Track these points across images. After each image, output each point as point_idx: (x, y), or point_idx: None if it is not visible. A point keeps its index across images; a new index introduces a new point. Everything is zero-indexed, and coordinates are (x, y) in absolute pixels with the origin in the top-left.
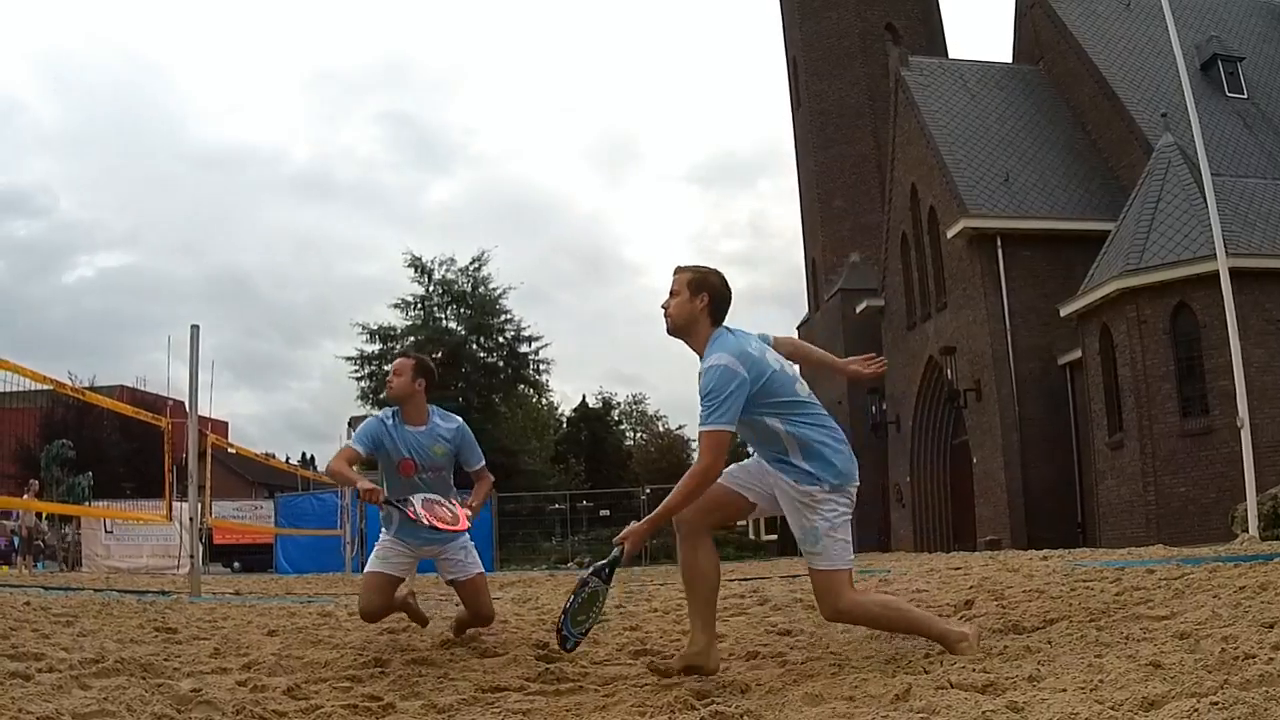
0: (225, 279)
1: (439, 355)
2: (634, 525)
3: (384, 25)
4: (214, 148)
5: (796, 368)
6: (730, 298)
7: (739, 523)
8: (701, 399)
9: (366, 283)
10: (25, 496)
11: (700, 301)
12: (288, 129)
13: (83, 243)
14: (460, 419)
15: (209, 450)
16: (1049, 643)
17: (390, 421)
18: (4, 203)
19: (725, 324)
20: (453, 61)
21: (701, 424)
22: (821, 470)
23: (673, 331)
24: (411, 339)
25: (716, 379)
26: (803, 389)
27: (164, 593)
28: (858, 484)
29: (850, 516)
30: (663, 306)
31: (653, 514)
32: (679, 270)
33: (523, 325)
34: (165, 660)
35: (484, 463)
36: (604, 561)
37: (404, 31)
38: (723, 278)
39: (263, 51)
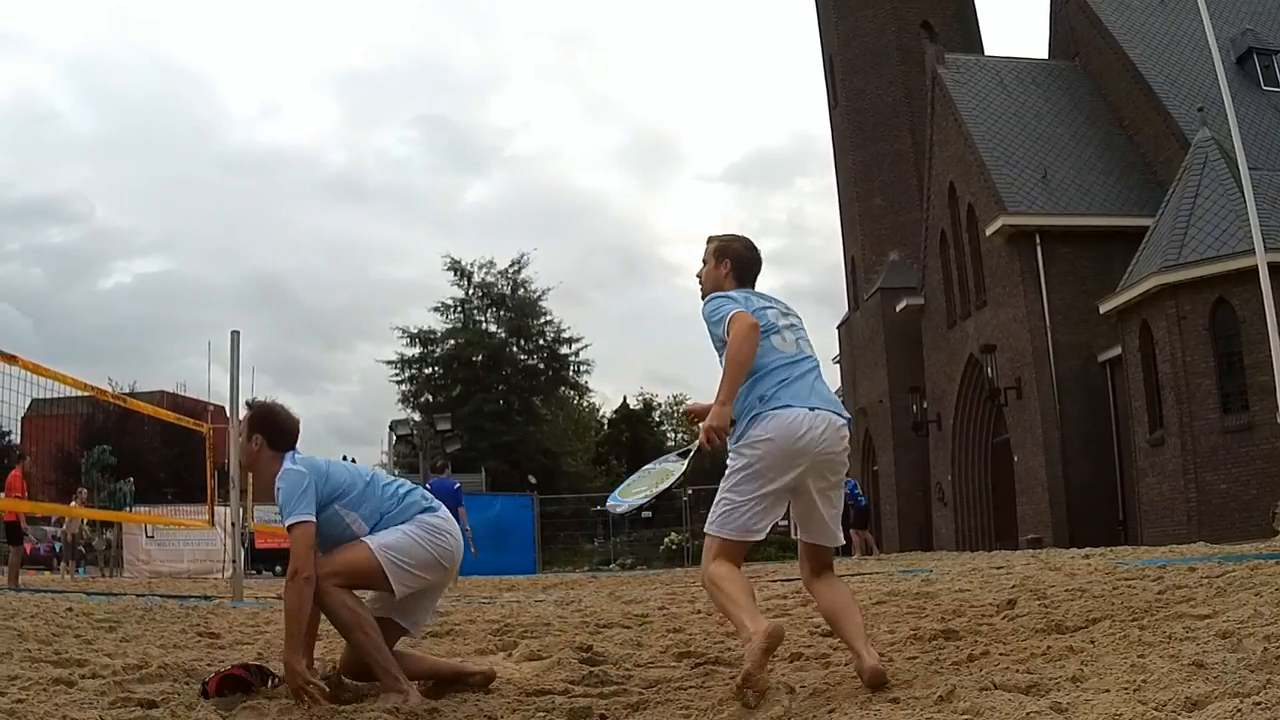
0: (261, 283)
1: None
2: (709, 415)
3: (418, 28)
4: (249, 152)
5: (791, 323)
6: (756, 261)
7: (780, 522)
8: (709, 315)
9: (403, 285)
10: (73, 504)
11: (724, 268)
12: (323, 133)
13: (119, 249)
14: (293, 466)
15: None
16: (1092, 642)
17: None
18: (40, 210)
19: (754, 290)
20: (489, 63)
21: (727, 317)
22: (738, 425)
23: (705, 297)
24: (451, 342)
25: (716, 301)
26: (782, 342)
27: (206, 598)
28: (768, 438)
29: (750, 481)
30: (697, 276)
31: (720, 393)
32: (709, 240)
33: (563, 327)
34: (209, 665)
35: (287, 522)
36: (683, 449)
37: (439, 34)
38: (747, 244)
39: (297, 55)
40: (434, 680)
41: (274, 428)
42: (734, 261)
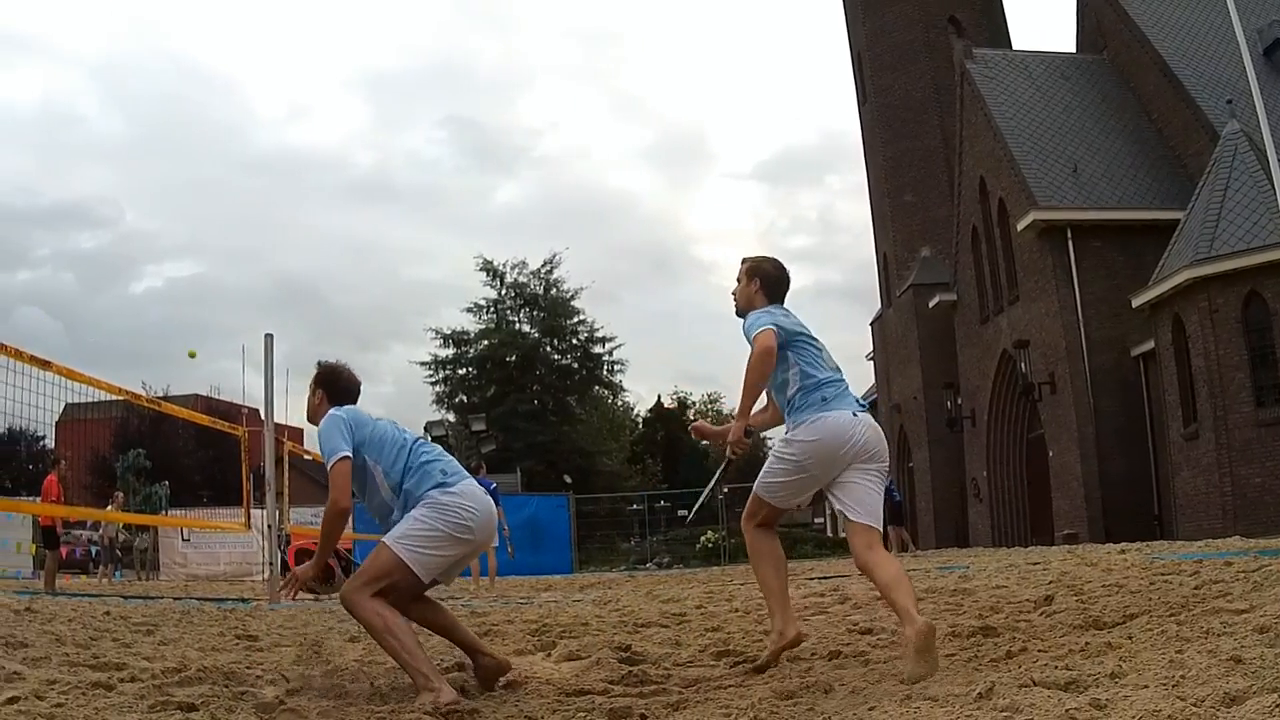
0: (292, 285)
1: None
2: (730, 432)
3: (446, 29)
4: (277, 154)
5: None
6: (784, 279)
7: (816, 520)
8: (747, 329)
9: (433, 286)
10: (110, 508)
11: (754, 285)
12: (351, 134)
13: (150, 253)
14: (334, 412)
15: (285, 457)
16: (1130, 638)
17: None
18: (69, 215)
19: (783, 307)
20: (516, 64)
21: (753, 332)
22: (797, 419)
23: (738, 312)
24: (485, 342)
25: (757, 313)
26: (828, 357)
27: (244, 600)
28: (815, 440)
29: (793, 468)
30: (732, 294)
31: (739, 409)
32: (742, 260)
33: (595, 327)
34: (248, 668)
35: (326, 464)
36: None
37: (467, 35)
38: (776, 264)
39: (325, 58)
40: (450, 640)
41: (333, 384)
42: (763, 280)
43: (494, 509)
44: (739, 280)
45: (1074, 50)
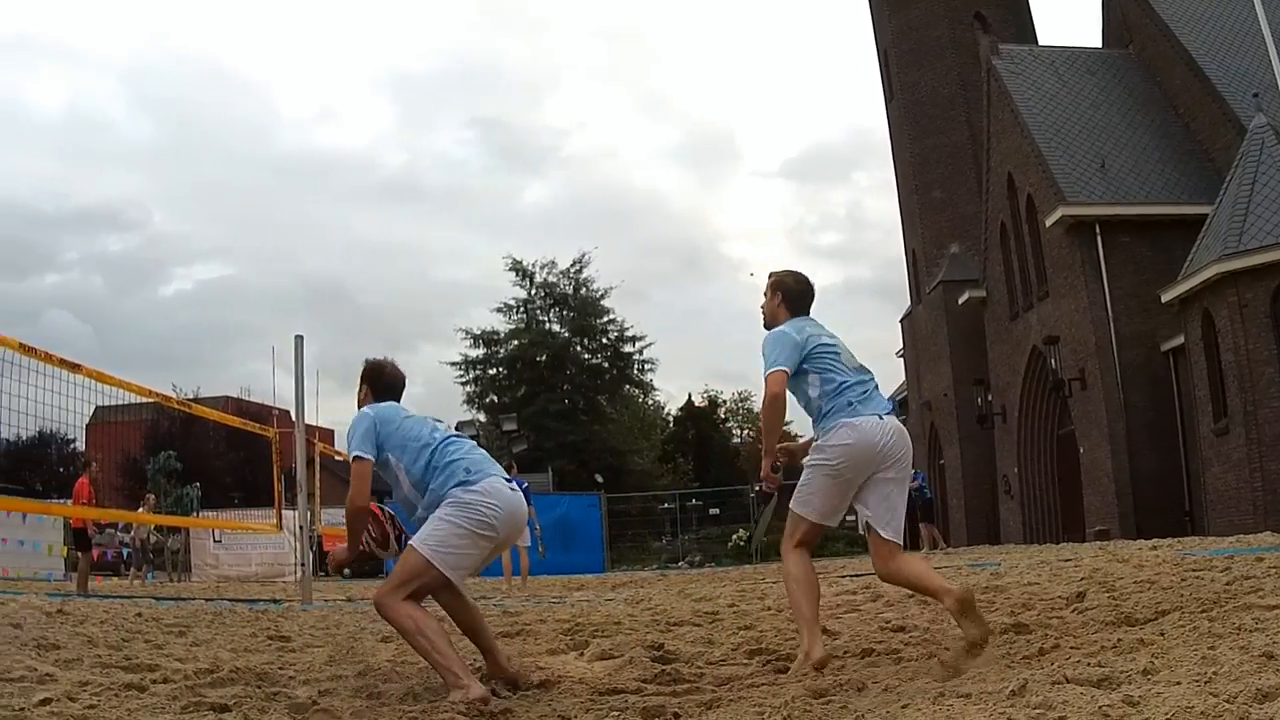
0: (321, 287)
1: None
2: (761, 468)
3: (472, 30)
4: (305, 156)
5: (844, 347)
6: (806, 292)
7: (848, 518)
8: (764, 355)
9: (462, 287)
10: (141, 510)
11: (777, 299)
12: (379, 135)
13: (178, 255)
14: (366, 410)
15: (317, 458)
16: (1162, 634)
17: None
18: (97, 218)
19: (808, 317)
20: (543, 64)
21: (765, 370)
22: (826, 424)
23: (765, 325)
24: (515, 342)
25: (771, 339)
26: (848, 360)
27: (276, 601)
28: (848, 444)
29: (829, 475)
30: (761, 308)
31: (765, 447)
32: (769, 275)
33: (625, 326)
34: (280, 669)
35: (352, 456)
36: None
37: (493, 35)
38: (798, 277)
39: (352, 59)
40: (470, 639)
41: (377, 380)
42: (785, 294)
43: (520, 504)
44: (765, 295)
45: (1100, 45)
